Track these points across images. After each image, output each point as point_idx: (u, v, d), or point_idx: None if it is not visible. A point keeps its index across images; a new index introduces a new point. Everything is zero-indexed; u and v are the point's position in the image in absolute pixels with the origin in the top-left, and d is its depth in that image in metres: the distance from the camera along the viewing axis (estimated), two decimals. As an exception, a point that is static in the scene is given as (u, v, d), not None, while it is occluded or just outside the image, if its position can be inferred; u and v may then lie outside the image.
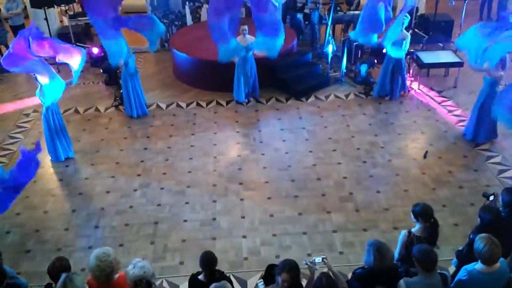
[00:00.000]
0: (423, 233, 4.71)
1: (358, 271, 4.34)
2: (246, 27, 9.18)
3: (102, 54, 11.11)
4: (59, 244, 6.49)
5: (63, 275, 4.07)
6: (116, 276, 4.27)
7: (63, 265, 4.27)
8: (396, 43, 9.14)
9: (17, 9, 11.76)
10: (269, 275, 4.58)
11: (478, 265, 4.19)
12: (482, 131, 8.08)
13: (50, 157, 8.16)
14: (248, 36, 9.21)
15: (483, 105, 7.86)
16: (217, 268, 4.45)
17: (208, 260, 4.39)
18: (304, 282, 4.44)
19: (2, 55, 11.92)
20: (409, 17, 9.27)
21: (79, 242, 6.51)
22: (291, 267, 4.03)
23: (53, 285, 4.29)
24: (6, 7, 11.68)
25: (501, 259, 4.19)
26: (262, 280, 4.39)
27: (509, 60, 7.79)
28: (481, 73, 7.98)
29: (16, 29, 12.01)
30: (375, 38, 9.23)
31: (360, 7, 12.55)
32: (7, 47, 11.85)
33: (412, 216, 4.79)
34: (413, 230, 4.75)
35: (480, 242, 4.10)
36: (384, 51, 9.47)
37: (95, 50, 11.16)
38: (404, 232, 4.77)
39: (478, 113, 7.99)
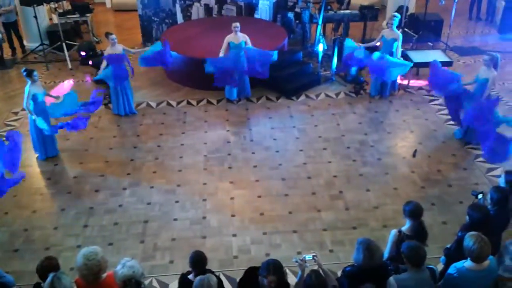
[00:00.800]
0: (413, 231, 4.73)
1: (348, 269, 4.35)
2: (238, 24, 9.14)
3: (91, 53, 11.12)
4: (47, 243, 6.44)
5: (51, 275, 4.04)
6: (104, 275, 4.24)
7: (52, 265, 4.24)
8: (387, 43, 9.19)
9: (9, 6, 11.68)
10: (249, 278, 4.49)
11: (467, 263, 4.22)
12: (472, 130, 8.11)
13: (37, 156, 8.10)
14: (240, 33, 9.17)
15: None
16: (207, 267, 4.44)
17: (198, 260, 4.38)
18: (293, 279, 4.45)
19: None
20: (399, 16, 9.29)
21: (67, 241, 6.47)
22: (275, 268, 4.04)
23: (42, 284, 4.25)
24: None
25: (490, 256, 4.22)
26: None
27: (500, 59, 7.84)
28: (468, 73, 8.04)
29: (8, 26, 11.94)
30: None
31: (350, 7, 12.60)
32: (0, 47, 11.77)
33: (404, 213, 4.82)
34: (403, 229, 4.77)
35: (469, 240, 4.13)
36: (378, 43, 9.48)
37: (83, 53, 11.15)
38: (394, 232, 4.78)
39: None
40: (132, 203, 7.14)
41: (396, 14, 9.25)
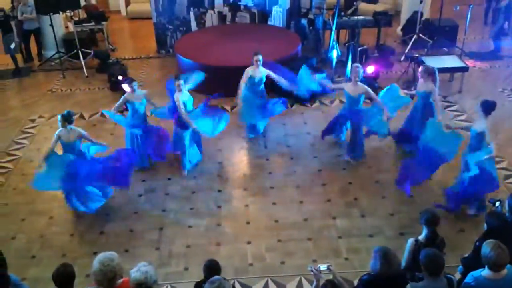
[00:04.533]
0: (425, 239, 4.70)
1: (365, 277, 4.32)
2: (260, 57, 8.20)
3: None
4: (64, 250, 6.49)
5: None
6: (120, 281, 4.24)
7: (68, 272, 4.25)
8: (352, 100, 7.83)
9: (32, 15, 11.90)
10: None
11: (485, 272, 4.15)
12: None
13: None
14: (262, 68, 8.31)
15: (422, 116, 7.70)
16: (221, 275, 4.43)
17: (212, 268, 4.38)
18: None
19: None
20: (363, 69, 8.15)
21: (83, 248, 6.52)
22: None
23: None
24: (20, 10, 11.94)
25: (508, 265, 4.16)
26: None
27: (437, 74, 7.68)
28: (483, 79, 7.87)
29: (29, 33, 12.14)
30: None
31: (358, 12, 12.51)
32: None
33: (420, 221, 4.79)
34: (420, 238, 4.74)
35: (487, 247, 4.08)
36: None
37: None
38: (411, 241, 4.75)
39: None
40: (147, 210, 7.17)
41: (358, 65, 7.87)
